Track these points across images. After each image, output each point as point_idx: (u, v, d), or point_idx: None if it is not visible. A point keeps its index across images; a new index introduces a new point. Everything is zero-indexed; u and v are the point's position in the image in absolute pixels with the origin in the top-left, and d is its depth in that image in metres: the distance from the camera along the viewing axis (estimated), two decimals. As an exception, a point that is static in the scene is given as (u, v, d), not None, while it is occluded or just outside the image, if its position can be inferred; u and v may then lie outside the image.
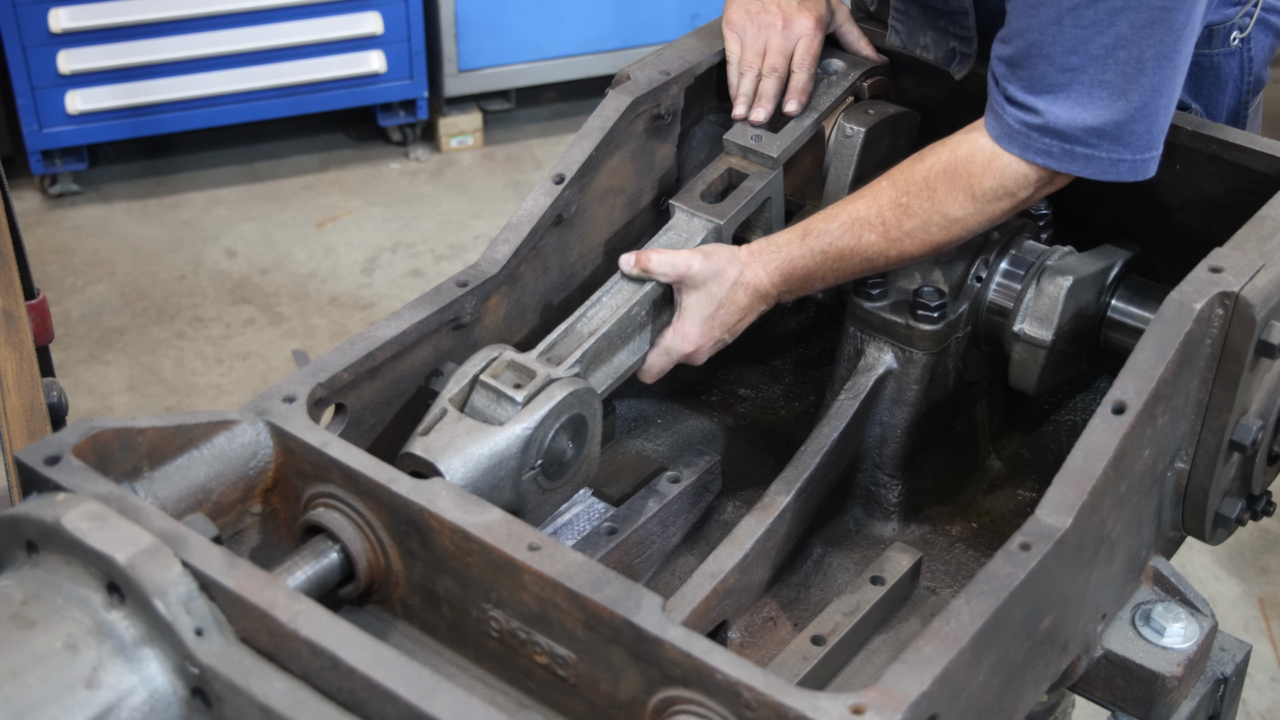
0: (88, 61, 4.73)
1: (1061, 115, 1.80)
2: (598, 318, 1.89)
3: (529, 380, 1.74)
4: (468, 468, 1.68)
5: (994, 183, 1.86)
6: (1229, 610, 3.58)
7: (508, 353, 1.78)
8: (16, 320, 2.37)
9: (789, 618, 1.86)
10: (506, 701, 1.53)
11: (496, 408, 1.73)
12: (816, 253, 1.91)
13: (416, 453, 1.69)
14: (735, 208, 2.02)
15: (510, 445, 1.70)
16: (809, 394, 2.24)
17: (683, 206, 2.03)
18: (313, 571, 1.56)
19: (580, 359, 1.82)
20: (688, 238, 2.00)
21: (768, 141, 2.07)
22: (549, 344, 1.84)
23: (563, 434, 1.75)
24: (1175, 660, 1.72)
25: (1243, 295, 1.68)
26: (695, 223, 2.01)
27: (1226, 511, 1.84)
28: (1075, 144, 1.82)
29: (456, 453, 1.68)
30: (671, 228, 2.02)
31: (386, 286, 4.67)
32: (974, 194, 1.87)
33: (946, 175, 1.88)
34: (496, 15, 5.14)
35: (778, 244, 1.92)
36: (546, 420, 1.72)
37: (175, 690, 1.37)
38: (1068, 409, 2.22)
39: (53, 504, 1.40)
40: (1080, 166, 1.84)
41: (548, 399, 1.73)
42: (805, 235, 1.92)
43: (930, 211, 1.88)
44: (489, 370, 1.76)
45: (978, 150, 1.87)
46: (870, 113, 2.15)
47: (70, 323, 4.47)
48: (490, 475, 1.69)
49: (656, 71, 2.10)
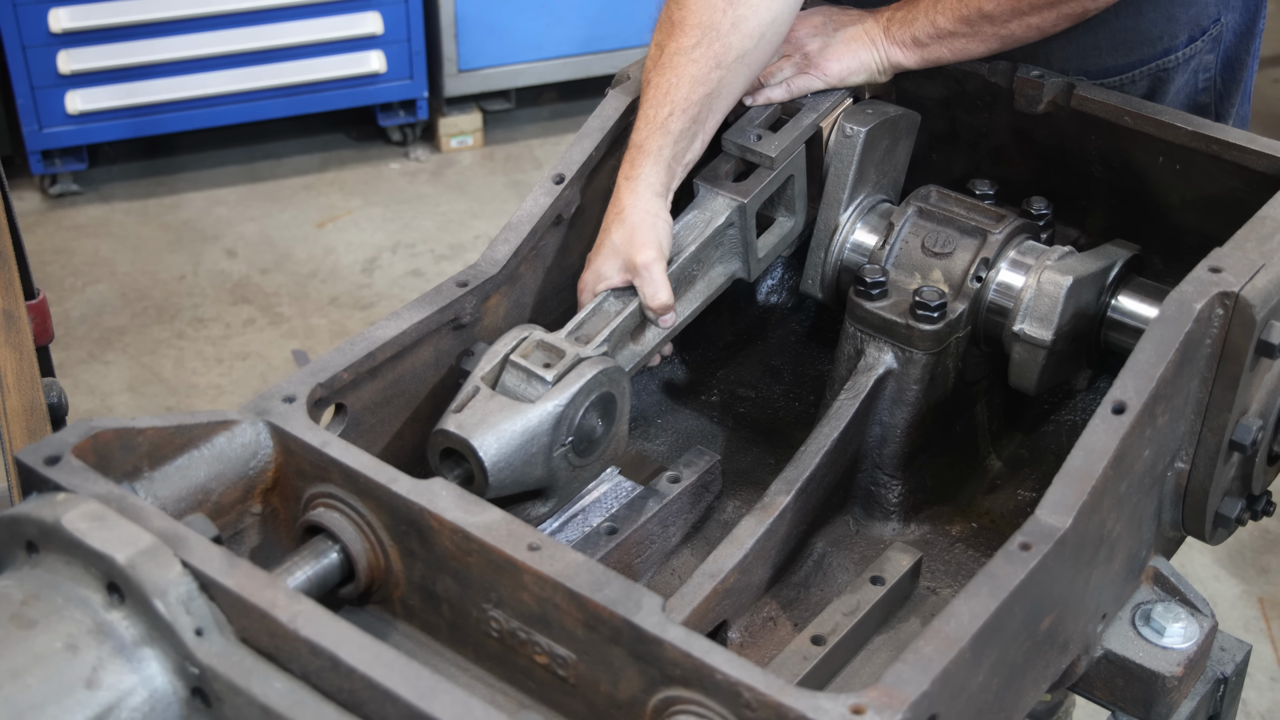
0: (88, 61, 4.74)
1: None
2: (624, 297, 1.91)
3: (558, 359, 1.77)
4: (501, 443, 1.71)
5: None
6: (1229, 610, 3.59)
7: (537, 332, 1.81)
8: (16, 320, 2.37)
9: (789, 618, 1.86)
10: (506, 701, 1.53)
11: (527, 386, 1.76)
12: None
13: (450, 429, 1.72)
14: (759, 185, 2.04)
15: (542, 422, 1.73)
16: (809, 394, 2.24)
17: (707, 185, 2.05)
18: (313, 571, 1.56)
19: (608, 338, 1.85)
20: (711, 216, 2.02)
21: (767, 141, 2.07)
22: (577, 323, 1.87)
23: (593, 411, 1.79)
24: (1175, 660, 1.72)
25: (1243, 295, 1.68)
26: (719, 201, 2.03)
27: (1226, 511, 1.84)
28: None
29: (490, 429, 1.71)
30: (696, 205, 2.04)
31: (386, 286, 4.67)
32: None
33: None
34: (496, 15, 5.14)
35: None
36: (577, 398, 1.76)
37: (175, 690, 1.37)
38: (1068, 409, 2.22)
39: (53, 504, 1.40)
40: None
41: (578, 377, 1.76)
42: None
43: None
44: (519, 350, 1.79)
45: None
46: (870, 113, 2.14)
47: (70, 323, 4.47)
48: (523, 451, 1.72)
49: (656, 71, 2.10)
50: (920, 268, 2.01)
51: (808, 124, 2.11)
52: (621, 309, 1.89)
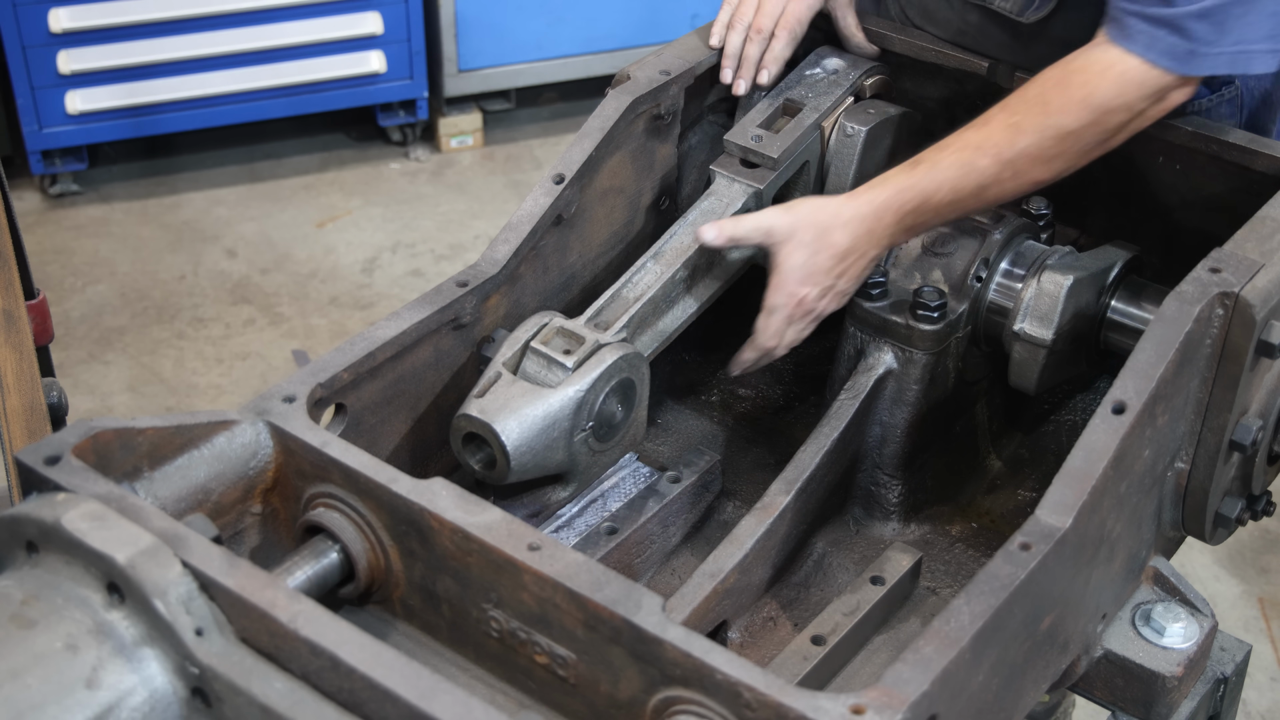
0: (88, 61, 4.73)
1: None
2: (643, 283, 1.93)
3: (578, 346, 1.80)
4: (522, 428, 1.73)
5: (1112, 89, 1.82)
6: (1229, 610, 3.58)
7: (557, 319, 1.83)
8: (16, 320, 2.37)
9: (789, 618, 1.86)
10: (506, 701, 1.53)
11: (547, 373, 1.78)
12: (927, 183, 1.85)
13: (473, 413, 1.74)
14: (775, 172, 2.04)
15: (564, 407, 1.75)
16: (809, 394, 2.24)
17: (723, 172, 2.06)
18: (313, 571, 1.56)
19: (627, 324, 1.87)
20: (728, 203, 2.03)
21: (768, 142, 2.07)
22: (596, 310, 1.89)
23: (612, 397, 1.81)
24: (1175, 660, 1.72)
25: (1243, 295, 1.68)
26: (735, 188, 2.04)
27: (1226, 511, 1.84)
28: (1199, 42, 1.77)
29: (512, 414, 1.73)
30: (712, 193, 2.05)
31: (386, 286, 4.67)
32: (1090, 103, 1.82)
33: (1059, 86, 1.83)
34: (496, 15, 5.14)
35: (885, 179, 1.88)
36: (598, 383, 1.78)
37: (175, 690, 1.37)
38: (1068, 409, 2.22)
39: (53, 504, 1.40)
40: (1207, 66, 1.80)
41: (598, 363, 1.78)
42: (915, 166, 1.87)
43: (1044, 126, 1.83)
44: (539, 336, 1.81)
45: (1094, 59, 1.83)
46: (870, 112, 2.14)
47: (70, 323, 4.47)
48: (544, 436, 1.75)
49: (656, 71, 2.10)
50: (920, 268, 2.01)
51: (809, 123, 2.11)
52: (640, 295, 1.91)
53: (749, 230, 1.87)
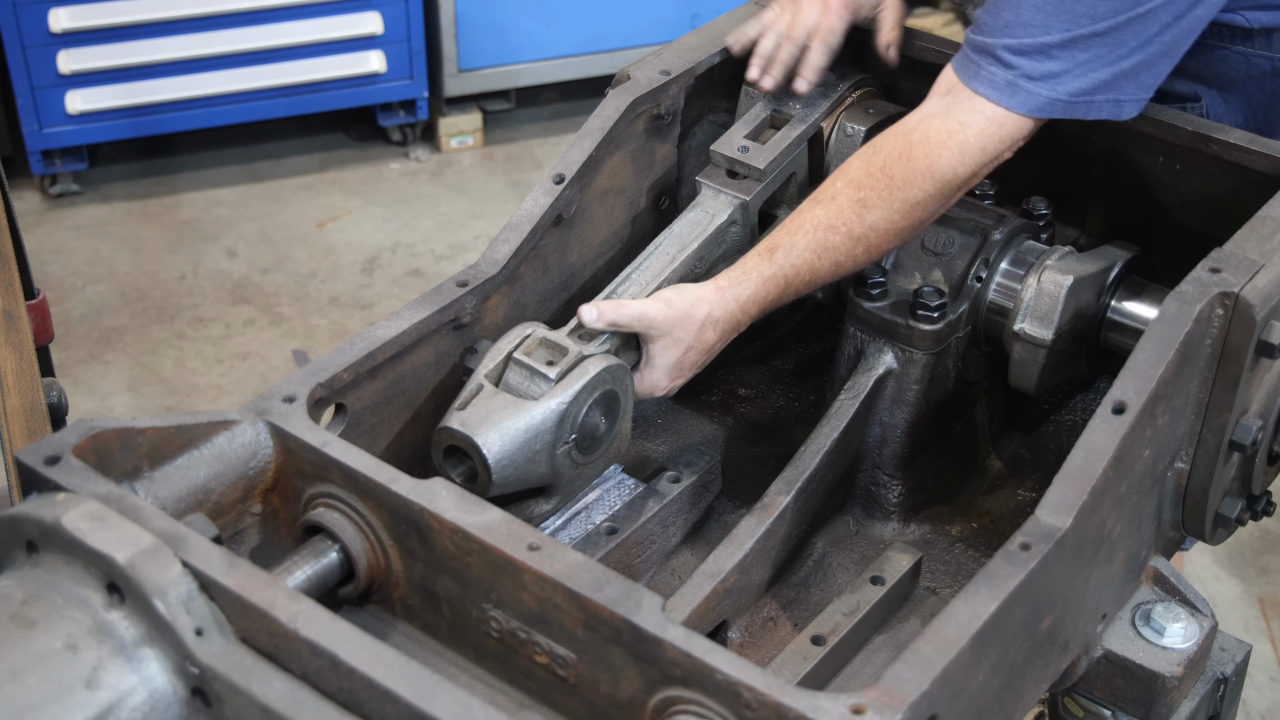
0: (88, 61, 4.73)
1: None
2: (628, 294, 1.92)
3: (561, 357, 1.78)
4: (504, 441, 1.71)
5: (954, 158, 1.86)
6: (1229, 610, 3.58)
7: (540, 330, 1.82)
8: (16, 320, 2.37)
9: (789, 618, 1.86)
10: (506, 701, 1.53)
11: (530, 384, 1.76)
12: (786, 269, 1.89)
13: (454, 426, 1.72)
14: (761, 184, 2.04)
15: (546, 419, 1.73)
16: (809, 394, 2.24)
17: (709, 184, 2.05)
18: (313, 571, 1.56)
19: (611, 335, 1.85)
20: (713, 215, 2.02)
21: (755, 153, 2.07)
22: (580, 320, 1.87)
23: (596, 409, 1.79)
24: (1175, 660, 1.72)
25: (1243, 295, 1.68)
26: (721, 199, 2.03)
27: (1226, 511, 1.84)
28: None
29: (493, 426, 1.71)
30: (698, 205, 2.03)
31: (386, 286, 4.67)
32: (933, 174, 1.86)
33: (902, 159, 1.87)
34: (496, 15, 5.14)
35: (746, 269, 1.90)
36: (581, 395, 1.76)
37: (175, 690, 1.37)
38: (1068, 409, 2.22)
39: (53, 504, 1.40)
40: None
41: (581, 374, 1.76)
42: (772, 254, 1.90)
43: (890, 200, 1.87)
44: (522, 347, 1.79)
45: (933, 130, 1.87)
46: (870, 113, 2.14)
47: (70, 323, 4.47)
48: (526, 449, 1.73)
49: (656, 71, 2.10)
50: (920, 268, 2.01)
51: (796, 135, 2.11)
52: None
53: (630, 319, 1.86)
